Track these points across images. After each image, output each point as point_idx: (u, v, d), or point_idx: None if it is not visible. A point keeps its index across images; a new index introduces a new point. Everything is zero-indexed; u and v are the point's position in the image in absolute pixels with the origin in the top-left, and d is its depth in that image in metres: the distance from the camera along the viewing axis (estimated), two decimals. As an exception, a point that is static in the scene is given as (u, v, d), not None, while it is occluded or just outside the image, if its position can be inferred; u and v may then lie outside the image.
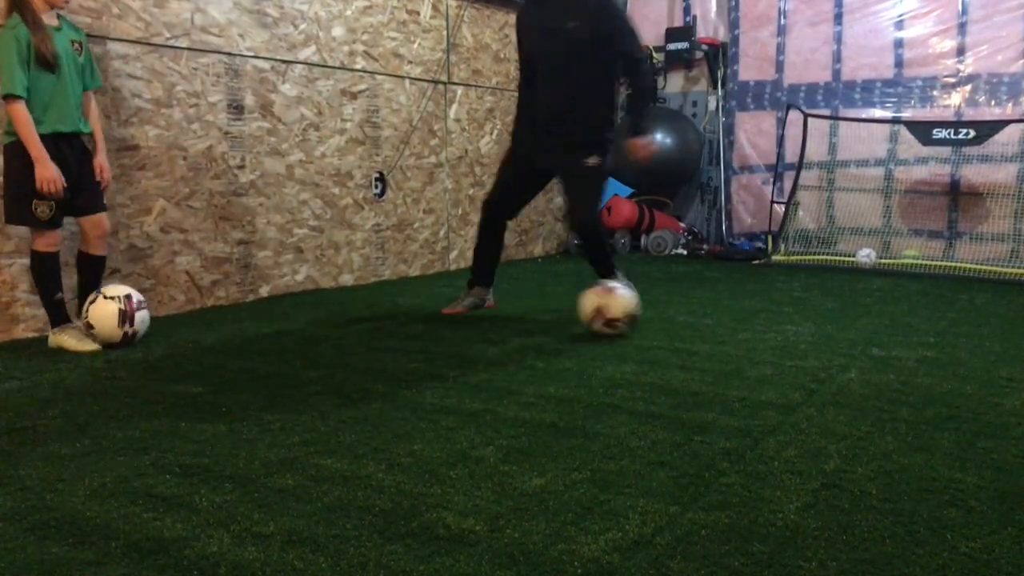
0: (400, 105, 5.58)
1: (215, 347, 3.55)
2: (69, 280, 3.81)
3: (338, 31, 5.09)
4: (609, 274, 4.06)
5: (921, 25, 6.58)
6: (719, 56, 7.41)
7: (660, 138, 7.09)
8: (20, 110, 3.22)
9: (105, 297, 3.46)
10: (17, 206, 3.33)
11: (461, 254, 6.26)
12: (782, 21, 7.12)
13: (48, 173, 3.28)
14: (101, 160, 3.61)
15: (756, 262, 6.58)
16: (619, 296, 3.74)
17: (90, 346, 3.45)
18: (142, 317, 3.53)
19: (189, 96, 4.30)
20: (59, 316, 3.50)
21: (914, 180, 6.58)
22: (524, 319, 4.19)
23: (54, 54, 3.29)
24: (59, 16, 3.42)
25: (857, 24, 6.83)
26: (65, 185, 3.33)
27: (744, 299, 4.85)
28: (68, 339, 3.47)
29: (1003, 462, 2.20)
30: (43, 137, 3.29)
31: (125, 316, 3.47)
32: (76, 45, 3.43)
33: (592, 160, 3.93)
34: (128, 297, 3.50)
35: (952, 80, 6.49)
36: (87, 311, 3.45)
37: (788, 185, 6.91)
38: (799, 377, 3.07)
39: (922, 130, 6.19)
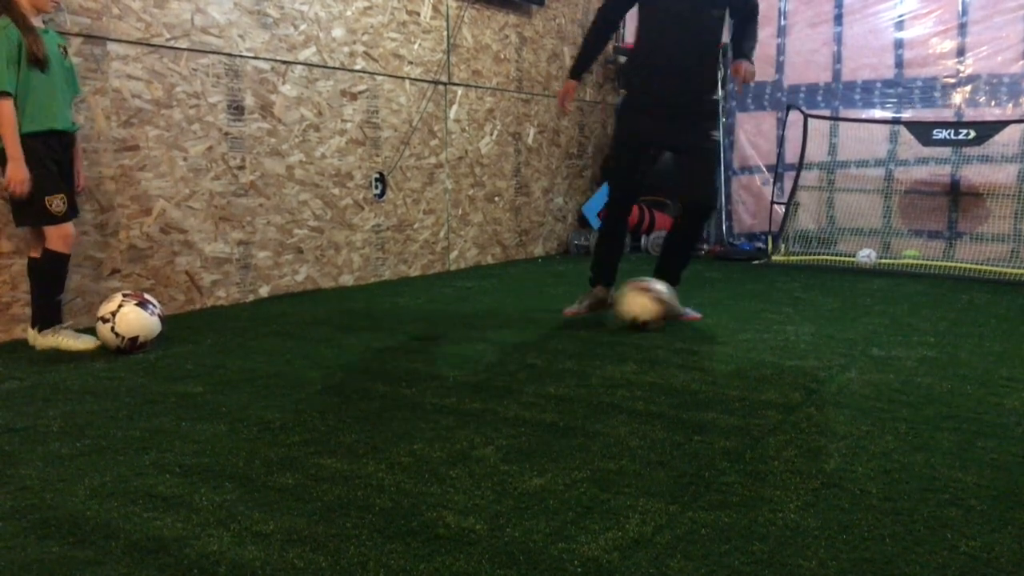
0: (400, 106, 5.58)
1: (215, 347, 3.55)
2: (68, 281, 3.81)
3: (338, 32, 5.09)
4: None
5: (921, 26, 6.59)
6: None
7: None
8: (6, 107, 3.23)
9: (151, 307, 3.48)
10: (30, 207, 3.35)
11: (461, 254, 6.26)
12: (782, 22, 7.12)
13: (20, 174, 3.27)
14: (78, 167, 3.63)
15: (756, 262, 6.58)
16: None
17: (88, 344, 3.46)
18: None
19: (189, 97, 4.30)
20: (55, 317, 3.50)
21: (914, 180, 6.58)
22: (524, 319, 4.19)
23: (44, 54, 3.31)
24: (44, 21, 3.46)
25: (857, 25, 6.83)
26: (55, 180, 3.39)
27: (744, 299, 4.85)
28: (65, 339, 3.47)
29: (1003, 461, 2.20)
30: (39, 135, 3.32)
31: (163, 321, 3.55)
32: (61, 48, 3.47)
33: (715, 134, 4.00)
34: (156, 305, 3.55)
35: (952, 81, 6.50)
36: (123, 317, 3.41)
37: (788, 185, 6.91)
38: (799, 377, 3.07)
39: (922, 130, 6.20)
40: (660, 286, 3.91)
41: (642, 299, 3.83)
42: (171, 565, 1.64)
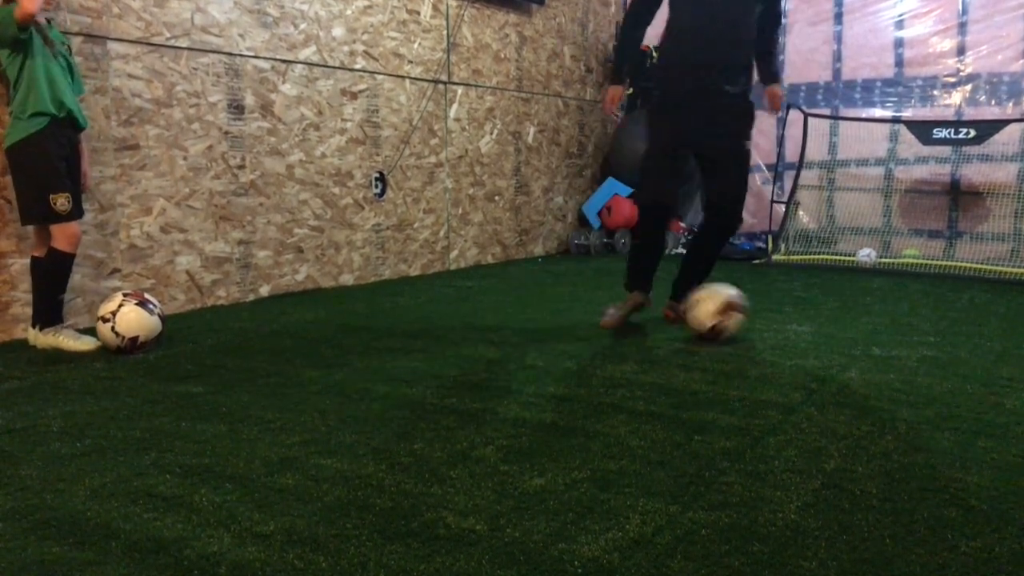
0: (400, 105, 5.58)
1: (215, 347, 3.55)
2: (69, 280, 3.81)
3: (338, 31, 5.09)
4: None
5: (921, 25, 6.58)
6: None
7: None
8: None
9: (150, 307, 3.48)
10: (35, 205, 3.35)
11: (461, 254, 6.26)
12: (782, 21, 7.11)
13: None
14: (84, 166, 3.63)
15: (756, 262, 6.58)
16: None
17: (89, 345, 3.46)
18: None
19: (189, 96, 4.30)
20: (56, 316, 3.50)
21: (914, 179, 6.58)
22: (524, 318, 4.19)
23: (55, 48, 3.35)
24: (47, 19, 3.49)
25: (857, 24, 6.83)
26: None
27: (744, 299, 4.84)
28: (65, 339, 3.47)
29: (1003, 461, 2.20)
30: (49, 127, 3.35)
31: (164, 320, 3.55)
32: (65, 47, 3.48)
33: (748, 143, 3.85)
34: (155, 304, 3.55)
35: (952, 79, 6.49)
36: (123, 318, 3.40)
37: (788, 185, 6.91)
38: (799, 376, 3.07)
39: (922, 129, 6.19)
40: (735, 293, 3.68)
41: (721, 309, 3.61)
42: (171, 565, 1.64)
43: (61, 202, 3.35)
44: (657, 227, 3.91)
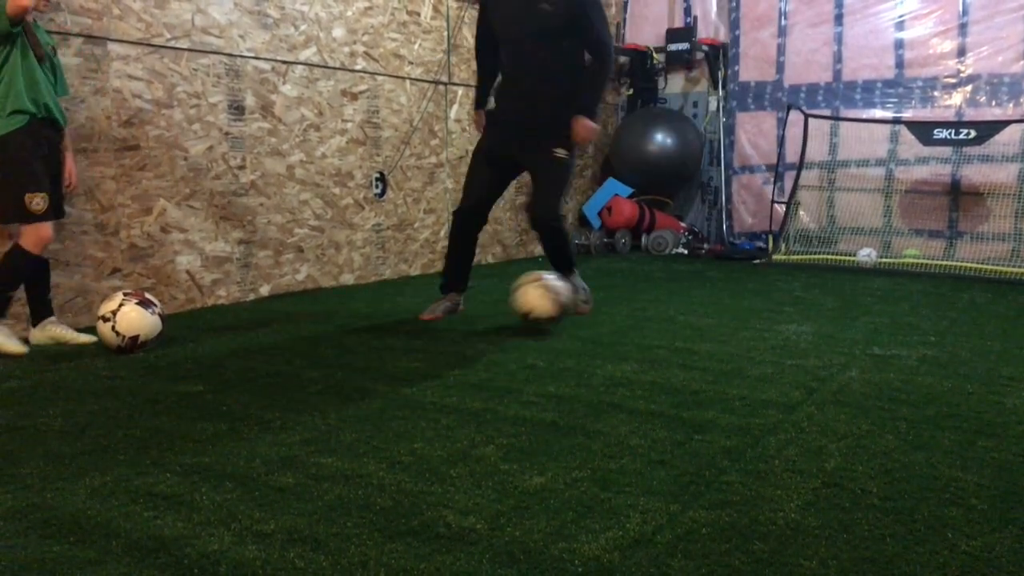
0: (401, 106, 5.58)
1: (215, 347, 3.55)
2: (69, 280, 3.81)
3: (339, 32, 5.09)
4: (568, 271, 4.06)
5: (922, 26, 6.58)
6: (720, 57, 7.41)
7: (661, 138, 7.10)
8: None
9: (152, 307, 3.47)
10: (10, 204, 3.33)
11: (462, 254, 6.25)
12: (783, 22, 7.12)
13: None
14: (70, 165, 3.61)
15: (757, 262, 6.58)
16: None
17: (16, 348, 3.41)
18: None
19: (190, 97, 4.30)
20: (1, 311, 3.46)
21: (915, 180, 6.58)
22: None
23: (42, 51, 3.34)
24: (35, 20, 3.47)
25: (858, 25, 6.83)
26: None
27: (744, 299, 4.85)
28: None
29: (1004, 461, 2.20)
30: (38, 118, 3.34)
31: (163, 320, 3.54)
32: (51, 48, 3.47)
33: (561, 152, 3.87)
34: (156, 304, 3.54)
35: (953, 80, 6.49)
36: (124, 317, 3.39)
37: (789, 185, 6.91)
38: (800, 376, 3.07)
39: (923, 130, 6.19)
40: (558, 282, 3.86)
41: (537, 294, 3.80)
42: (172, 564, 1.64)
43: (37, 202, 3.32)
44: (466, 229, 4.09)
